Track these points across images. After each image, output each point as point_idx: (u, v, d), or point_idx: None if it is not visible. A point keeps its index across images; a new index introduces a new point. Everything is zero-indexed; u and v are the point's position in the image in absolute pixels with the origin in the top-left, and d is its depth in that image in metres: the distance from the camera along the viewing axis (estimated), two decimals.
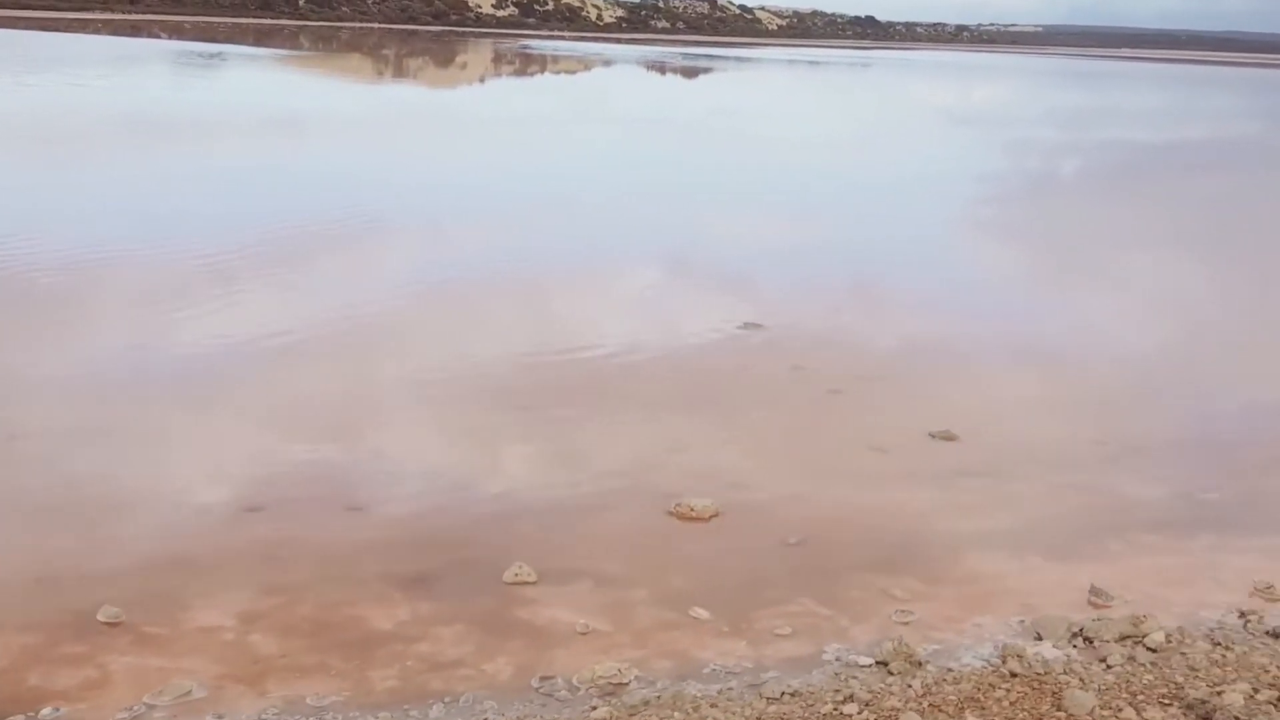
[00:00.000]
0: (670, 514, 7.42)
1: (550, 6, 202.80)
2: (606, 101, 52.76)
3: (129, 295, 12.35)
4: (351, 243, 15.99)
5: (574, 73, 79.57)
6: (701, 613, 6.17)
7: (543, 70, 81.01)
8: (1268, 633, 6.02)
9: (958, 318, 13.34)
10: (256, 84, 51.60)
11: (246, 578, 6.37)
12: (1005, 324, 13.45)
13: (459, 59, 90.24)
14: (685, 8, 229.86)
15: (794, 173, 28.11)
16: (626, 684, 5.48)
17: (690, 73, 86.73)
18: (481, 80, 67.43)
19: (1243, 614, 6.30)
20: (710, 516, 7.41)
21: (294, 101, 42.24)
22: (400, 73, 71.47)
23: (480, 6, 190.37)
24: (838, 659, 5.75)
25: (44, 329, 11.04)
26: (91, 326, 11.20)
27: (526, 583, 6.46)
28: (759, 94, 66.83)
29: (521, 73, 76.56)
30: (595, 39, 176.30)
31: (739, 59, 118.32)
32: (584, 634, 5.98)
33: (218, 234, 15.52)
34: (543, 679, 5.55)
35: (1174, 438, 9.57)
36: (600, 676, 5.53)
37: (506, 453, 8.45)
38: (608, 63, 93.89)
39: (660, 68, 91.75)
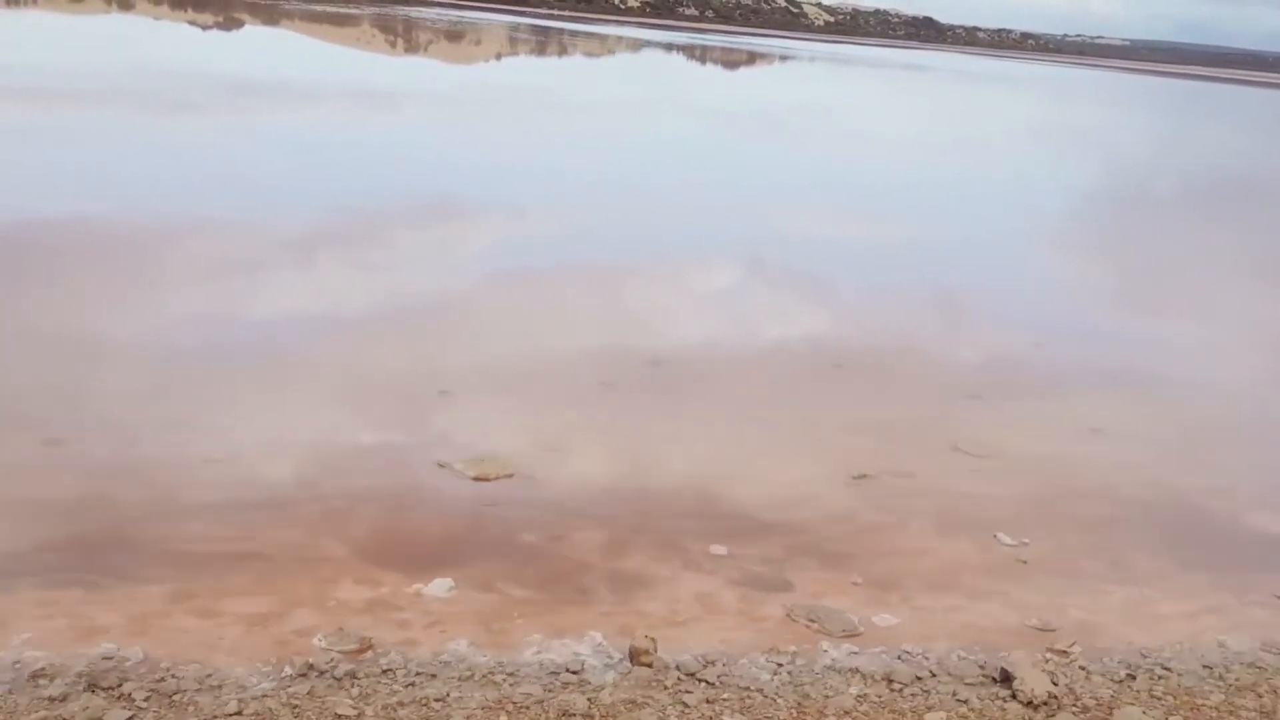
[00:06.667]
0: None
1: None
2: (674, 93, 49.75)
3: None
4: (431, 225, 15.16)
5: (605, 55, 76.72)
6: None
7: (567, 54, 77.11)
8: None
9: None
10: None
11: None
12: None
13: (469, 37, 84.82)
14: None
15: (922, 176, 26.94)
16: None
17: (733, 65, 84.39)
18: (499, 58, 63.48)
19: None
20: None
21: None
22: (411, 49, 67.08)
23: None
24: None
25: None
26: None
27: None
28: (831, 92, 64.11)
29: (548, 55, 72.18)
30: (614, 21, 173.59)
31: (784, 55, 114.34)
32: None
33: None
34: None
35: None
36: None
37: None
38: (636, 50, 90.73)
39: (700, 58, 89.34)
